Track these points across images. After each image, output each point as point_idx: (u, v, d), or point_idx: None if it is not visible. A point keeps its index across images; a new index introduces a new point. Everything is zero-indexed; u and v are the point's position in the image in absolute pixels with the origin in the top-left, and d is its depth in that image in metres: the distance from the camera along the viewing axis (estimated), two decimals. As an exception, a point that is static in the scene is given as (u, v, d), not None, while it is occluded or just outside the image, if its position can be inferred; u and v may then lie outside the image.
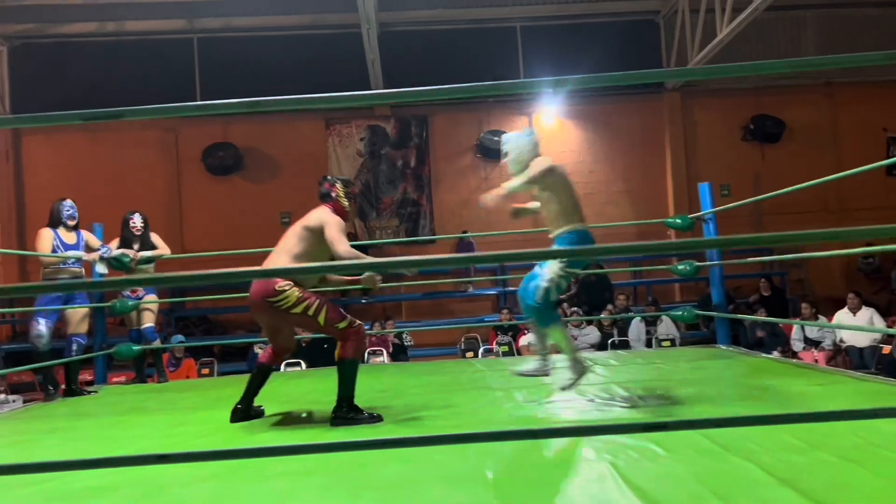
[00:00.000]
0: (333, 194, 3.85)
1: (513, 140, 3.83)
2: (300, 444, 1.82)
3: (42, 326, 5.20)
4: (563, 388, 3.72)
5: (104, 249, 5.55)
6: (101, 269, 5.47)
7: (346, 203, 3.87)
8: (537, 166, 3.64)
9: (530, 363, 3.94)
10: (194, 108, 1.55)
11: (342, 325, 3.52)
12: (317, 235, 3.65)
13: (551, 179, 3.64)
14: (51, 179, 11.67)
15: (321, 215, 3.72)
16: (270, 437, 3.28)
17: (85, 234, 5.60)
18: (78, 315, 5.47)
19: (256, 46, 12.00)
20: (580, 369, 3.67)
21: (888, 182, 12.07)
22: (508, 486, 2.30)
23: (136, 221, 5.86)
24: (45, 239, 5.31)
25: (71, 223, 5.44)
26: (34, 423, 4.18)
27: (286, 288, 3.50)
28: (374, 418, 3.46)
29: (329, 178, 3.98)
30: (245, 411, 3.69)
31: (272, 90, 11.49)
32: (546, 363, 3.87)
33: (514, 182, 3.68)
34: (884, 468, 2.28)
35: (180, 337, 8.91)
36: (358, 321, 3.59)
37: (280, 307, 3.48)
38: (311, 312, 3.50)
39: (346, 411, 3.45)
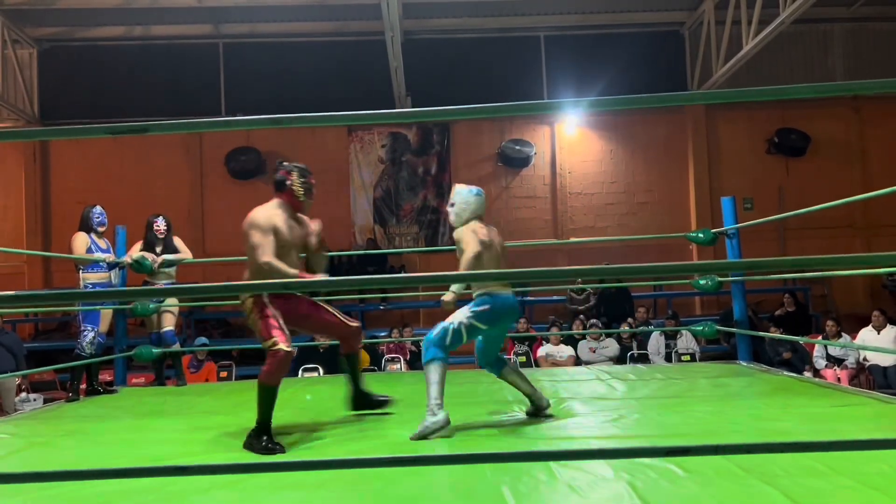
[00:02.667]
0: (288, 182, 3.66)
1: (461, 194, 3.81)
2: (314, 459, 1.82)
3: (92, 333, 5.31)
4: (413, 438, 3.27)
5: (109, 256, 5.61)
6: (114, 278, 5.58)
7: (301, 193, 3.68)
8: (469, 246, 3.58)
9: (530, 408, 3.79)
10: (217, 123, 1.56)
11: (266, 343, 3.37)
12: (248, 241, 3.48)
13: (484, 255, 3.60)
14: (77, 182, 11.84)
15: (250, 217, 3.53)
16: (286, 447, 3.28)
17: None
18: (106, 317, 5.56)
19: (281, 52, 12.11)
20: (441, 418, 3.31)
21: (916, 198, 11.87)
22: (524, 503, 2.28)
23: (160, 224, 5.92)
24: (82, 242, 5.38)
25: (101, 229, 5.54)
26: (53, 424, 4.23)
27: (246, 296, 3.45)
28: (269, 450, 3.17)
29: (285, 164, 3.75)
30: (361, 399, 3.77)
31: (296, 96, 11.62)
32: (538, 398, 3.75)
33: (458, 287, 3.67)
34: (908, 497, 2.23)
35: (203, 339, 8.96)
36: (285, 346, 3.32)
37: (244, 312, 3.46)
38: (250, 321, 3.44)
39: (253, 436, 3.26)
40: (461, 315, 3.58)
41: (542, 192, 12.45)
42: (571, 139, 12.50)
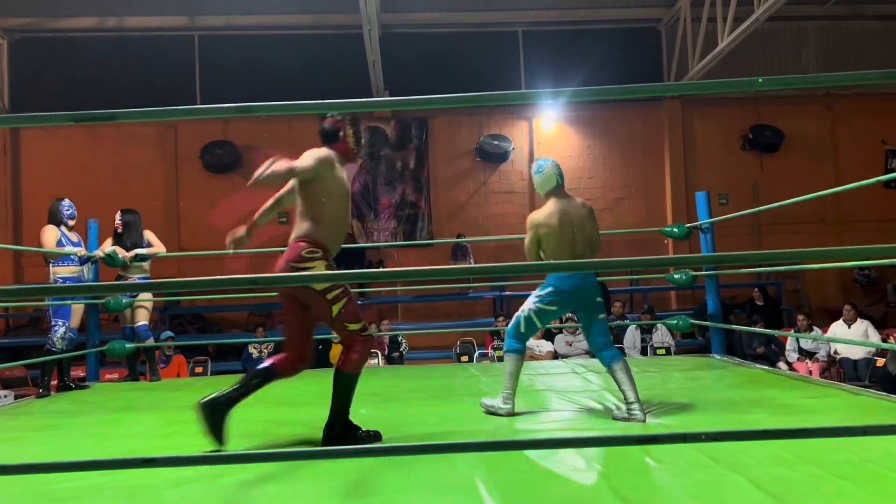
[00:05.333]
0: (341, 133, 3.22)
1: (537, 165, 3.84)
2: (287, 451, 1.81)
3: (63, 328, 5.23)
4: (484, 404, 3.68)
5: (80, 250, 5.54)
6: (86, 272, 5.51)
7: (354, 144, 3.27)
8: (526, 238, 3.71)
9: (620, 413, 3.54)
10: (188, 111, 1.54)
11: (354, 326, 3.06)
12: (310, 186, 3.10)
13: (548, 240, 3.65)
14: (49, 175, 11.65)
15: (312, 153, 3.08)
16: (262, 442, 3.26)
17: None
18: (78, 312, 5.49)
19: (257, 45, 12.00)
20: (506, 409, 3.57)
21: (886, 194, 12.08)
22: (498, 495, 2.29)
23: (118, 220, 5.82)
24: (52, 235, 5.30)
25: (71, 223, 5.46)
26: (23, 420, 4.17)
27: (315, 255, 3.06)
28: (371, 437, 3.08)
29: (333, 114, 3.24)
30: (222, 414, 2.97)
31: (272, 89, 11.51)
32: (632, 410, 3.43)
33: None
34: (874, 485, 2.28)
35: (169, 333, 8.86)
36: (370, 332, 3.16)
37: (303, 276, 2.98)
38: (329, 296, 3.01)
39: (341, 431, 3.03)
40: (529, 302, 3.69)
41: (521, 187, 12.48)
42: (549, 134, 12.54)
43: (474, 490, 2.32)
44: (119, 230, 5.79)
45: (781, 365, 7.91)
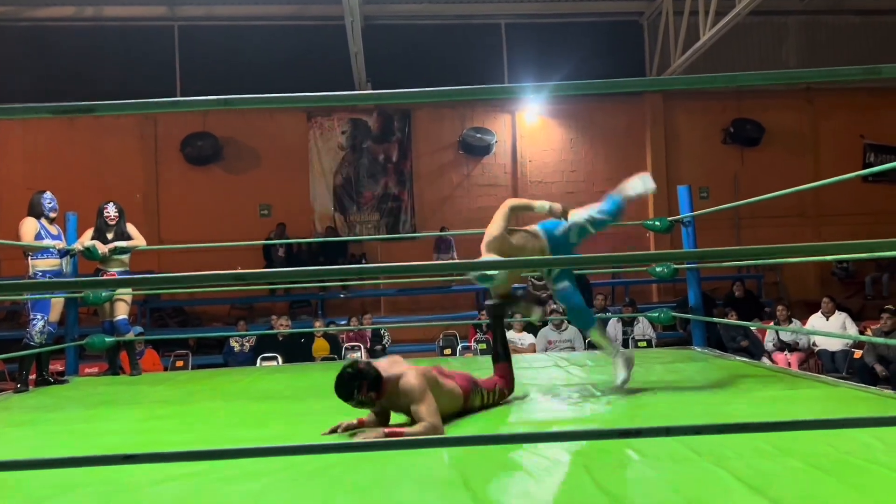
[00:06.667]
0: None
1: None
2: (271, 446, 1.80)
3: (41, 321, 5.16)
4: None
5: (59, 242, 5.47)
6: (65, 266, 5.44)
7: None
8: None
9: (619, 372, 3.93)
10: (168, 104, 1.51)
11: None
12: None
13: None
14: (26, 167, 11.49)
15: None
16: (244, 435, 3.24)
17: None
18: (57, 305, 5.42)
19: (238, 36, 11.88)
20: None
21: (864, 188, 12.23)
22: (482, 489, 2.29)
23: (111, 211, 5.80)
24: (31, 228, 5.22)
25: (53, 215, 5.39)
26: (1, 416, 4.10)
27: None
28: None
29: None
30: None
31: (253, 80, 11.42)
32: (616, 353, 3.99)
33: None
34: (852, 478, 2.30)
35: (139, 328, 8.74)
36: None
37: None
38: None
39: None
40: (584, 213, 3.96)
41: (503, 180, 12.50)
42: (532, 128, 12.56)
43: (459, 484, 2.32)
44: (112, 222, 5.75)
45: (765, 359, 7.98)
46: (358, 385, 2.89)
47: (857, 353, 7.56)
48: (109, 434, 3.41)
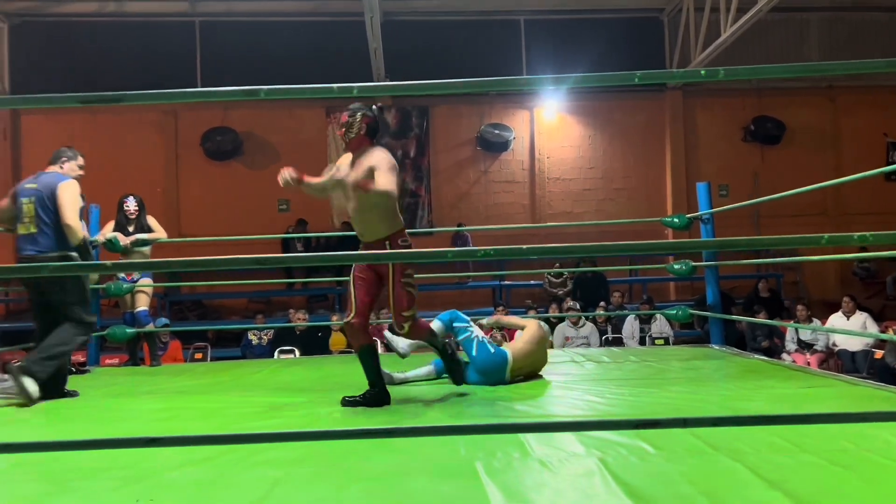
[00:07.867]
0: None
1: None
2: (285, 431, 1.82)
3: None
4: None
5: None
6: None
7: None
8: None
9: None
10: (194, 94, 1.54)
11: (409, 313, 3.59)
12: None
13: None
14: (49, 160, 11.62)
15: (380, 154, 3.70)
16: (262, 425, 3.27)
17: None
18: None
19: (258, 32, 11.95)
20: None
21: (887, 187, 12.09)
22: (497, 479, 2.31)
23: (130, 204, 5.87)
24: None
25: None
26: (23, 403, 4.17)
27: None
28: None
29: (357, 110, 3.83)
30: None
31: (273, 76, 11.48)
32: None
33: None
34: (871, 473, 2.29)
35: (164, 320, 8.85)
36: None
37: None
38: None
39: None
40: None
41: (521, 176, 12.48)
42: (550, 124, 12.52)
43: (475, 474, 2.34)
44: (132, 216, 5.82)
45: (784, 356, 7.93)
46: (370, 112, 3.58)
47: (878, 354, 7.49)
48: (130, 420, 3.47)
